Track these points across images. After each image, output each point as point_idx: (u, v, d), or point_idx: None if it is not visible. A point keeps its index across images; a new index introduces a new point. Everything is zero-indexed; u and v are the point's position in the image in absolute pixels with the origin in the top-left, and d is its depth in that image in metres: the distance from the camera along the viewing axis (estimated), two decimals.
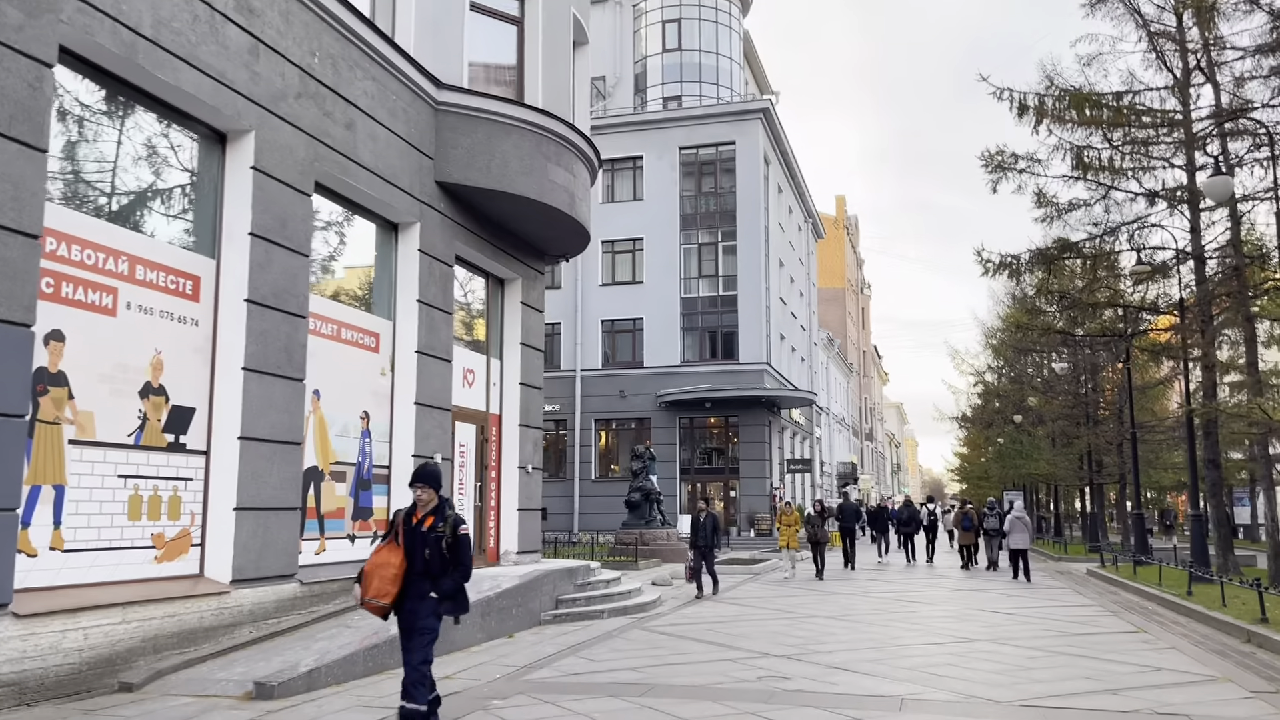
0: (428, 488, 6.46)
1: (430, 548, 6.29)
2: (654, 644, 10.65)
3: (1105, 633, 11.89)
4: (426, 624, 6.32)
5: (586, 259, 38.22)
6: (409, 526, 6.39)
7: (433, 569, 6.31)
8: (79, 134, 8.21)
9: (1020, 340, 37.23)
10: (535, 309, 16.09)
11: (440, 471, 6.73)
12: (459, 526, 6.38)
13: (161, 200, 9.08)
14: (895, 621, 12.91)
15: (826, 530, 22.04)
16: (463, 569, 6.40)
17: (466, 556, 6.40)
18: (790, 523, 21.16)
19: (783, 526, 21.29)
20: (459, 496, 13.80)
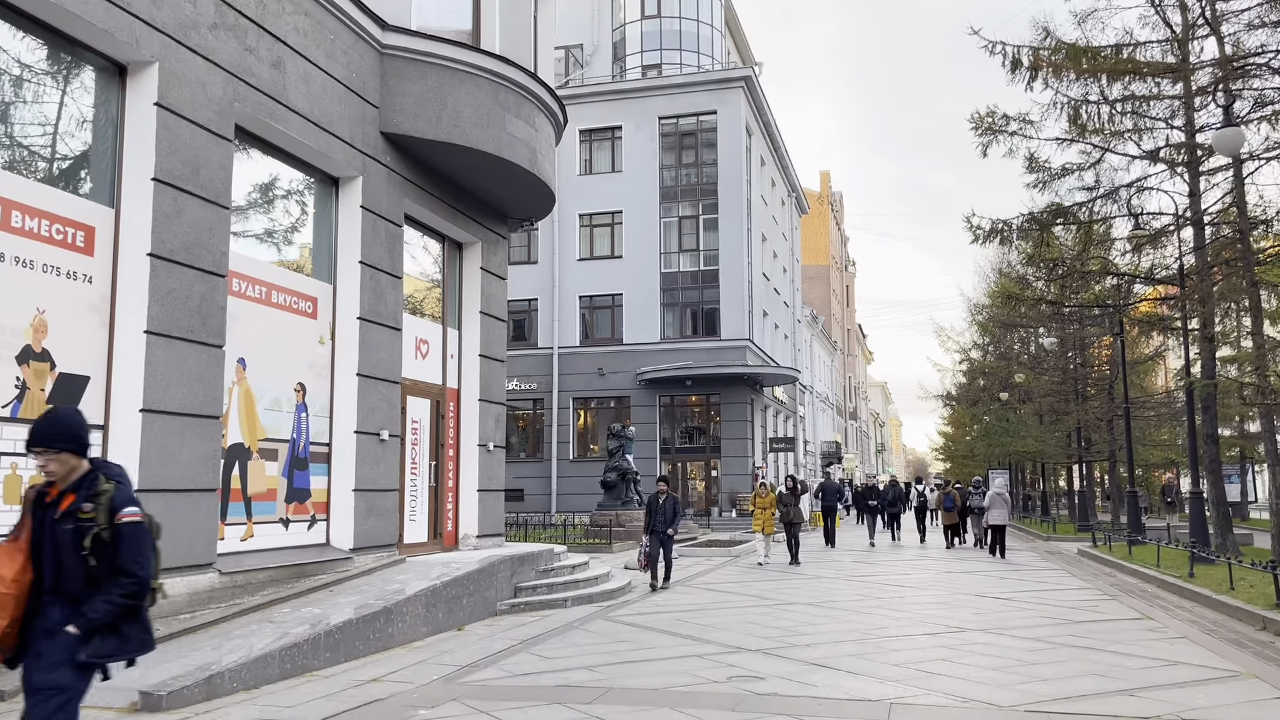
0: (56, 452, 3.85)
1: (63, 548, 3.82)
2: (617, 637, 9.67)
3: (1107, 619, 11.00)
4: (50, 680, 3.77)
5: (563, 232, 37.14)
6: (38, 511, 3.91)
7: (66, 583, 3.84)
8: None
9: (1008, 314, 36.41)
10: (497, 276, 15.01)
11: (79, 422, 3.99)
12: (121, 510, 3.83)
13: (48, 139, 7.94)
14: (880, 609, 11.98)
15: (802, 510, 20.46)
16: (128, 582, 3.81)
17: (134, 559, 3.81)
18: (764, 505, 19.33)
19: (756, 509, 19.48)
20: (411, 476, 12.78)
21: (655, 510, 14.45)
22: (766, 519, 19.16)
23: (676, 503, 14.77)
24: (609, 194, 37.38)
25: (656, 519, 14.36)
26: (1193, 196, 18.59)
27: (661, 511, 14.38)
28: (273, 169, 10.53)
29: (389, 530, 11.62)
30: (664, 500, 14.53)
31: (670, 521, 14.36)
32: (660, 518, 14.34)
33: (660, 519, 14.34)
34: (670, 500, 14.59)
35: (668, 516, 14.37)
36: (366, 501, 11.22)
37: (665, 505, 14.46)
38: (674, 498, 14.78)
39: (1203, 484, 18.21)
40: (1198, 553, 14.92)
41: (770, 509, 19.26)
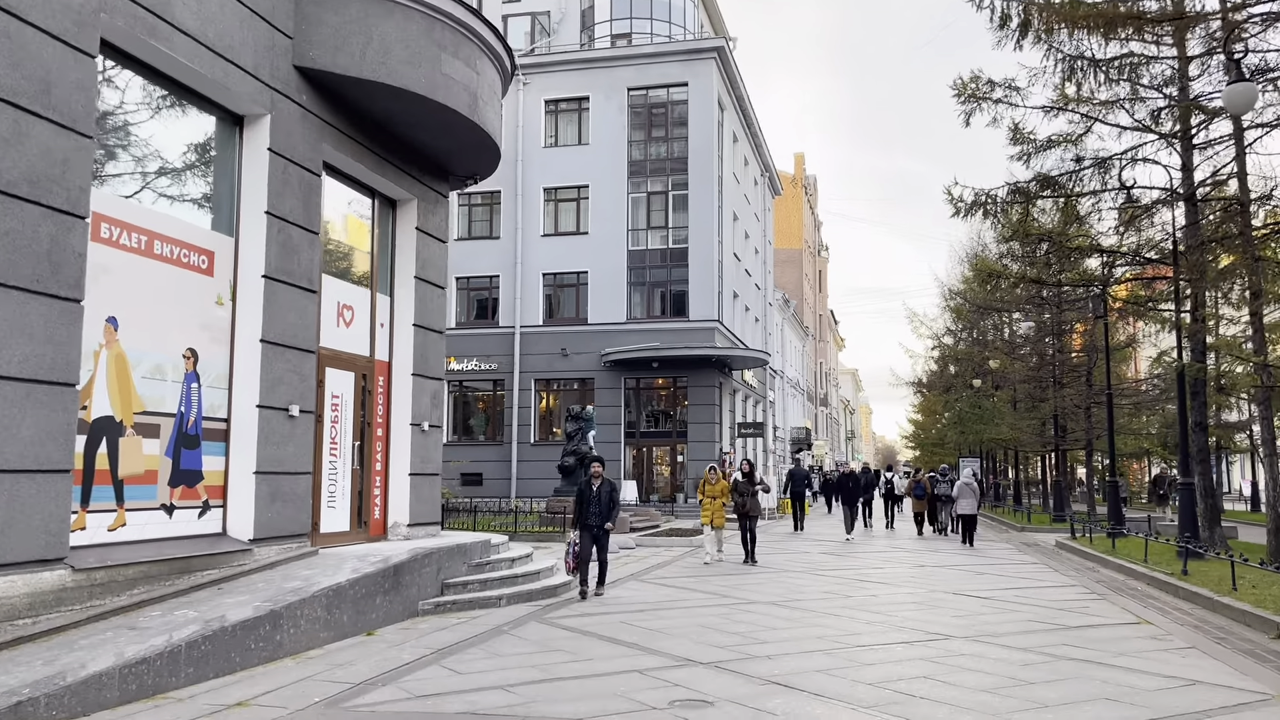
0: None
1: None
2: (549, 645, 8.37)
3: (1102, 624, 9.86)
4: None
5: (527, 206, 35.67)
6: None
7: None
8: None
9: (985, 297, 35.42)
10: (436, 238, 13.59)
11: None
12: None
13: None
14: (851, 609, 10.77)
15: (760, 500, 17.13)
16: None
17: None
18: (715, 493, 16.47)
19: (705, 499, 16.56)
20: (330, 458, 11.39)
21: (588, 500, 11.80)
22: (716, 510, 16.41)
23: (614, 490, 12.09)
24: (575, 167, 35.93)
25: (589, 510, 11.73)
26: (1185, 171, 17.51)
27: (596, 501, 11.78)
28: (157, 99, 9.06)
29: (299, 518, 10.23)
30: (599, 487, 11.89)
31: (607, 514, 11.80)
32: (594, 509, 11.72)
33: (594, 510, 11.72)
34: (607, 487, 11.95)
35: (603, 508, 11.77)
36: (271, 486, 9.82)
37: (601, 493, 11.86)
38: (611, 484, 12.08)
39: None
40: (1188, 547, 13.86)
41: (722, 498, 16.56)
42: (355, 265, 12.39)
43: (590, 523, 11.66)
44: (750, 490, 16.89)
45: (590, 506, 11.76)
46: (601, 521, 11.72)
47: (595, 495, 11.82)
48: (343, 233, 12.15)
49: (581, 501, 11.85)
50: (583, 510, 11.79)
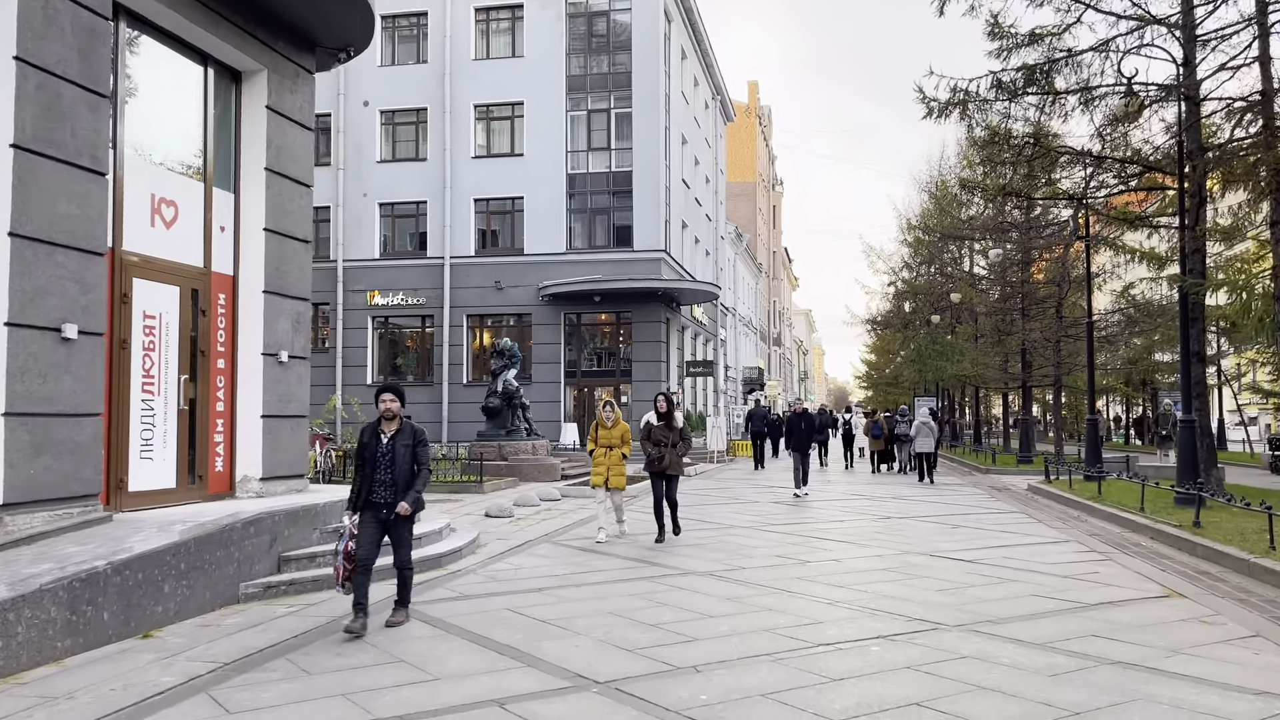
0: None
1: None
2: (393, 650, 6.01)
3: (1125, 599, 7.75)
4: None
5: (456, 125, 32.63)
6: None
7: None
8: None
9: (948, 226, 33.40)
10: (296, 123, 10.86)
11: None
12: None
13: None
14: (809, 582, 8.55)
15: (681, 449, 11.35)
16: None
17: None
18: (613, 441, 11.18)
19: (599, 447, 11.25)
20: (145, 396, 8.81)
21: (376, 459, 6.77)
22: (613, 464, 11.13)
23: (420, 444, 6.87)
24: (508, 82, 32.87)
25: (377, 480, 6.75)
26: (1186, 65, 15.26)
27: (386, 463, 6.75)
28: None
29: (83, 475, 7.68)
30: (392, 439, 6.79)
31: (405, 485, 6.76)
32: (382, 475, 6.74)
33: (381, 479, 6.73)
34: (407, 440, 6.81)
35: (398, 475, 6.73)
36: (32, 432, 7.24)
37: (396, 450, 6.76)
38: (417, 433, 6.89)
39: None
40: (1199, 494, 11.86)
41: (621, 448, 11.22)
42: (181, 150, 9.67)
43: (376, 499, 6.74)
44: (667, 438, 11.27)
45: (380, 470, 6.74)
46: (393, 498, 6.71)
47: (384, 452, 6.75)
48: (161, 107, 9.41)
49: (366, 463, 6.80)
50: (364, 480, 6.79)
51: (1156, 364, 35.69)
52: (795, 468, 17.22)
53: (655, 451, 11.26)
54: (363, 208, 33.38)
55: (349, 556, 6.56)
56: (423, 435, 6.98)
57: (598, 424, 11.40)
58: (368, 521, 6.77)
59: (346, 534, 6.67)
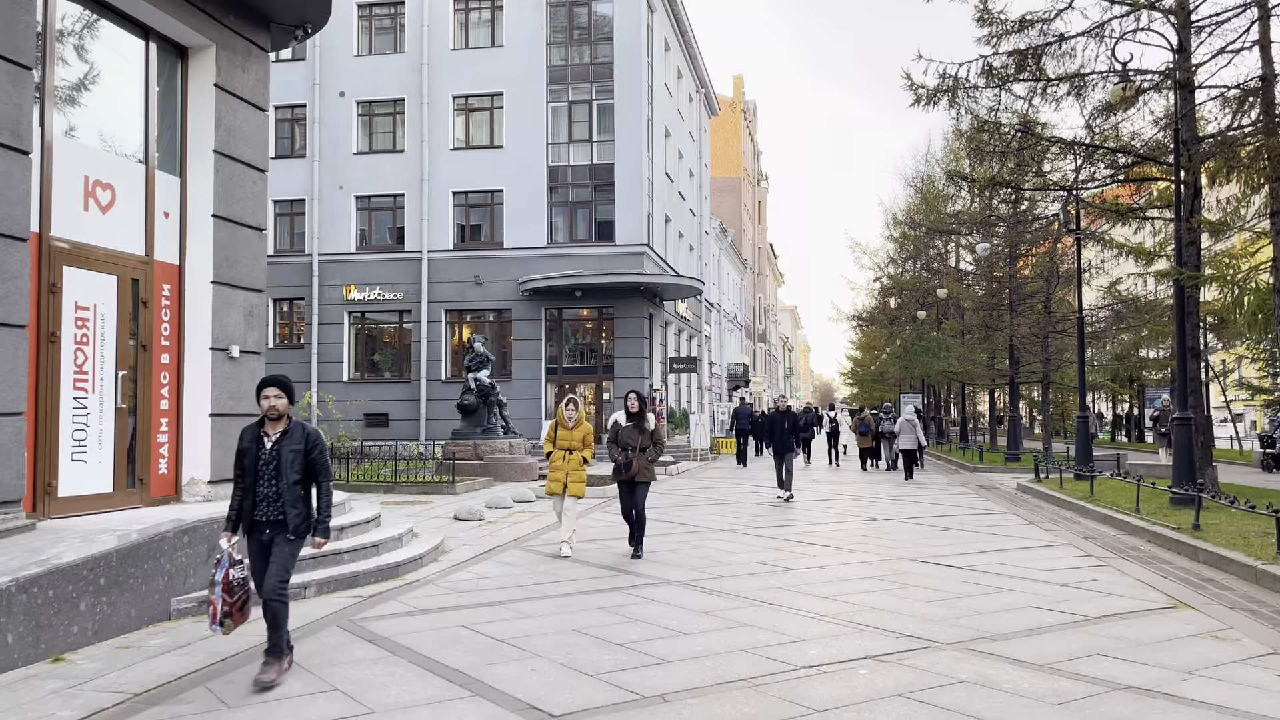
0: None
1: None
2: (328, 678, 5.41)
3: (1130, 611, 7.23)
4: None
5: (434, 116, 31.93)
6: None
7: None
8: None
9: (935, 221, 32.99)
10: (249, 103, 10.22)
11: None
12: None
13: None
14: (791, 592, 7.99)
15: (653, 453, 10.21)
16: None
17: None
18: (573, 443, 10.02)
19: (557, 450, 10.10)
20: (77, 393, 8.16)
21: (257, 468, 5.47)
22: (571, 468, 9.99)
23: (317, 448, 5.54)
24: (488, 73, 32.19)
25: (260, 494, 5.45)
26: (1180, 53, 14.78)
27: (271, 473, 5.46)
28: None
29: (3, 479, 7.04)
30: (276, 444, 5.49)
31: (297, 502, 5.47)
32: (266, 488, 5.44)
33: (265, 493, 5.44)
34: (298, 444, 5.50)
35: (284, 489, 5.42)
36: None
37: (282, 457, 5.46)
38: (310, 436, 5.56)
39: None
40: (1197, 495, 11.37)
41: (583, 450, 10.09)
42: (120, 130, 9.01)
43: (259, 516, 5.43)
44: (637, 441, 10.04)
45: (258, 484, 5.44)
46: (278, 515, 5.40)
47: (267, 461, 5.44)
48: (97, 83, 8.75)
49: (248, 472, 5.46)
50: (245, 493, 5.45)
51: (1144, 361, 35.41)
52: (777, 469, 16.17)
53: (623, 457, 10.01)
54: (338, 201, 32.64)
55: (228, 588, 5.30)
56: (317, 439, 5.58)
57: (557, 423, 10.15)
58: (252, 548, 5.50)
59: (225, 560, 5.36)
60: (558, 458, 10.08)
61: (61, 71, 8.25)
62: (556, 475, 10.06)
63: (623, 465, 10.07)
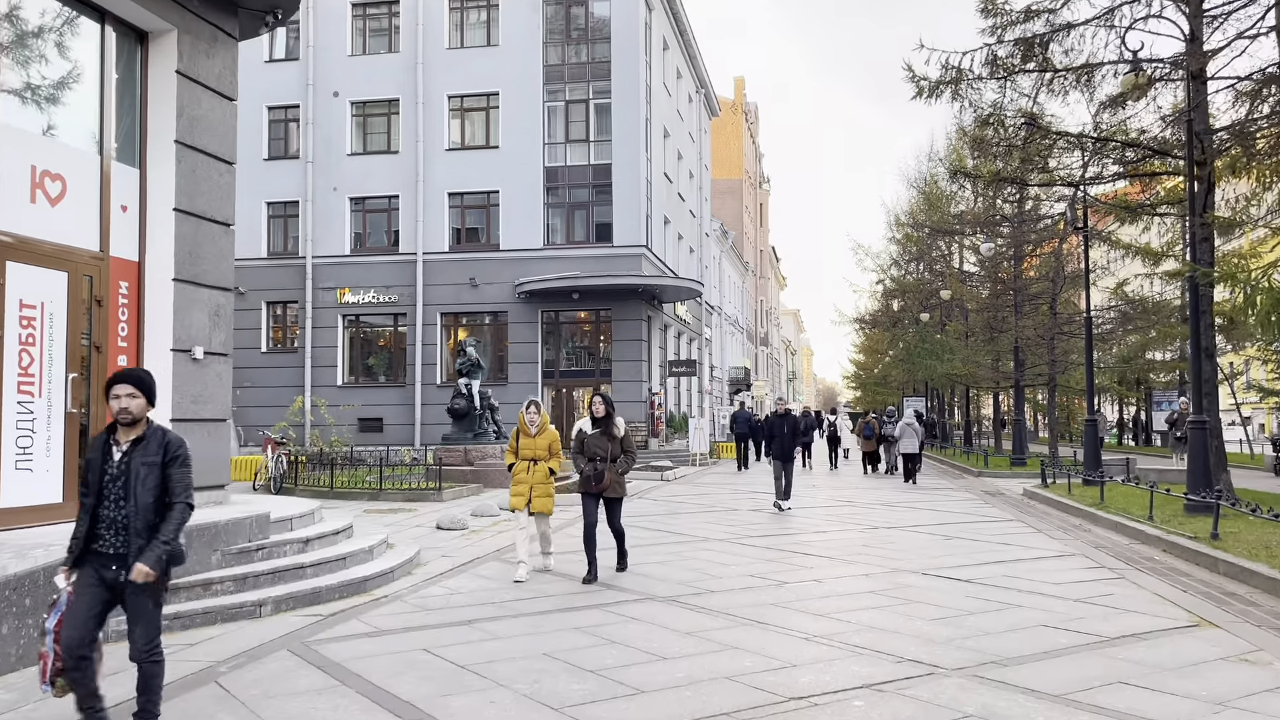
0: None
1: None
2: (261, 711, 4.87)
3: (1151, 630, 6.68)
4: None
5: (429, 116, 31.46)
6: None
7: None
8: None
9: (938, 221, 32.47)
10: (214, 91, 9.71)
11: None
12: None
13: None
14: (784, 609, 7.45)
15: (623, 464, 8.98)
16: None
17: None
18: (537, 452, 8.87)
19: (520, 460, 8.96)
20: (22, 397, 7.65)
21: (102, 486, 4.32)
22: (535, 481, 8.82)
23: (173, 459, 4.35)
24: (483, 72, 31.72)
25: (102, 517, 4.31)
26: (1192, 41, 14.25)
27: (118, 488, 4.30)
28: None
29: None
30: (124, 457, 4.33)
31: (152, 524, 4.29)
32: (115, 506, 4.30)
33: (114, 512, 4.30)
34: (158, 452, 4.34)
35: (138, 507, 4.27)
36: None
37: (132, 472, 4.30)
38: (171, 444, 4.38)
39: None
40: (1216, 502, 10.81)
41: (549, 460, 8.92)
42: (71, 118, 8.50)
43: (102, 547, 4.32)
44: (606, 450, 8.80)
45: (101, 506, 4.34)
46: (127, 545, 4.28)
47: (115, 477, 4.33)
48: (47, 68, 8.24)
49: (85, 492, 4.39)
50: (86, 516, 4.36)
51: (1151, 363, 34.81)
52: (776, 477, 15.12)
53: (589, 467, 8.82)
54: (332, 202, 32.17)
55: (57, 640, 4.20)
56: (178, 448, 4.38)
57: (519, 430, 8.97)
58: (86, 583, 4.28)
59: (61, 602, 4.28)
60: (520, 469, 8.94)
61: (5, 55, 7.75)
62: (519, 489, 8.89)
63: (591, 477, 8.81)
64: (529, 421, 8.96)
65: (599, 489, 8.82)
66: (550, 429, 9.05)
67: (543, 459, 8.92)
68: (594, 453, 8.87)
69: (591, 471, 8.82)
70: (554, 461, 9.00)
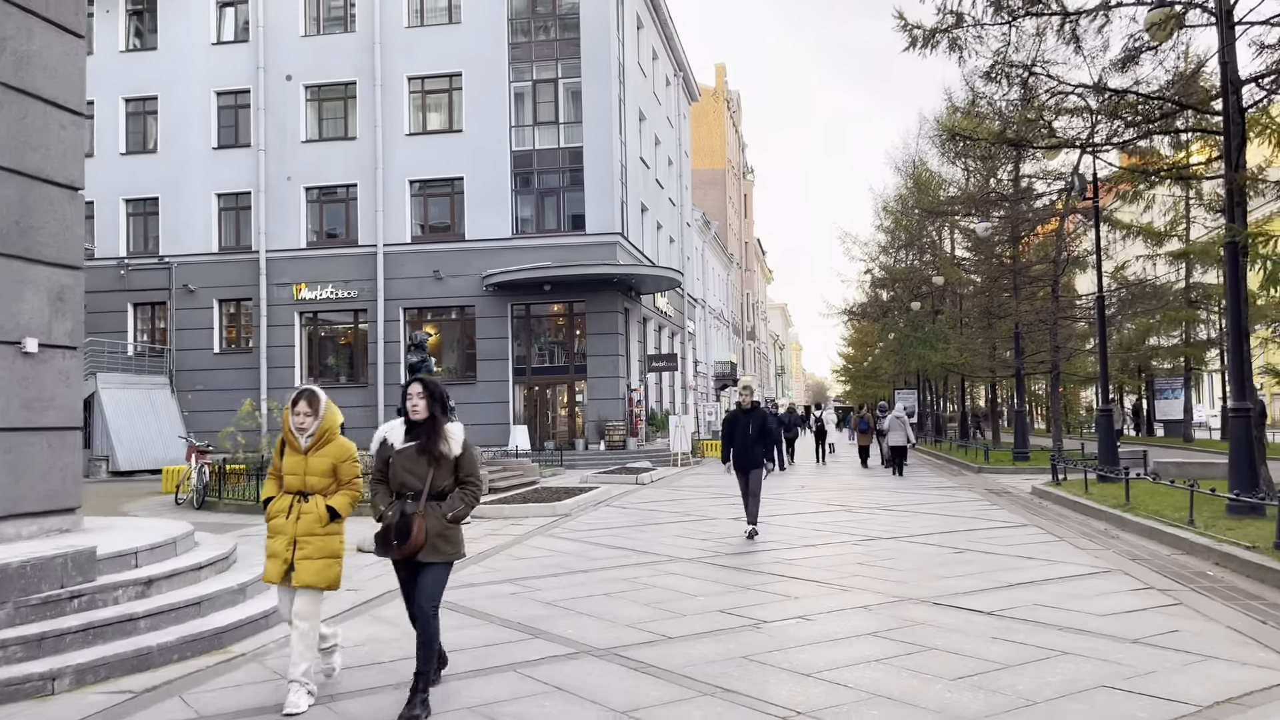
0: None
1: None
2: None
3: (1249, 690, 4.95)
4: None
5: (388, 99, 29.63)
6: None
7: None
8: None
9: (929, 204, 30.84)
10: (53, 24, 7.89)
11: None
12: None
13: None
14: (757, 667, 5.71)
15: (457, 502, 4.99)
16: None
17: None
18: (309, 479, 5.17)
19: (283, 494, 5.23)
20: None
21: None
22: (302, 530, 5.10)
23: None
24: (445, 52, 29.91)
25: None
26: None
27: None
28: None
29: None
30: None
31: None
32: None
33: None
34: None
35: None
36: None
37: None
38: None
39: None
40: (1271, 503, 9.12)
41: (329, 492, 5.23)
42: None
43: None
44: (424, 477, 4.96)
45: None
46: None
47: None
48: None
49: None
50: None
51: (1153, 350, 33.26)
52: (743, 493, 11.44)
53: (391, 510, 4.99)
54: (287, 192, 30.29)
55: None
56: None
57: (283, 440, 5.30)
58: None
59: None
60: (277, 509, 5.18)
61: None
62: (275, 545, 5.11)
63: (393, 529, 4.92)
64: (297, 427, 5.19)
65: (408, 550, 4.85)
66: (340, 441, 5.28)
67: (318, 488, 5.16)
68: (405, 482, 4.96)
69: (395, 519, 4.92)
70: (341, 496, 5.20)
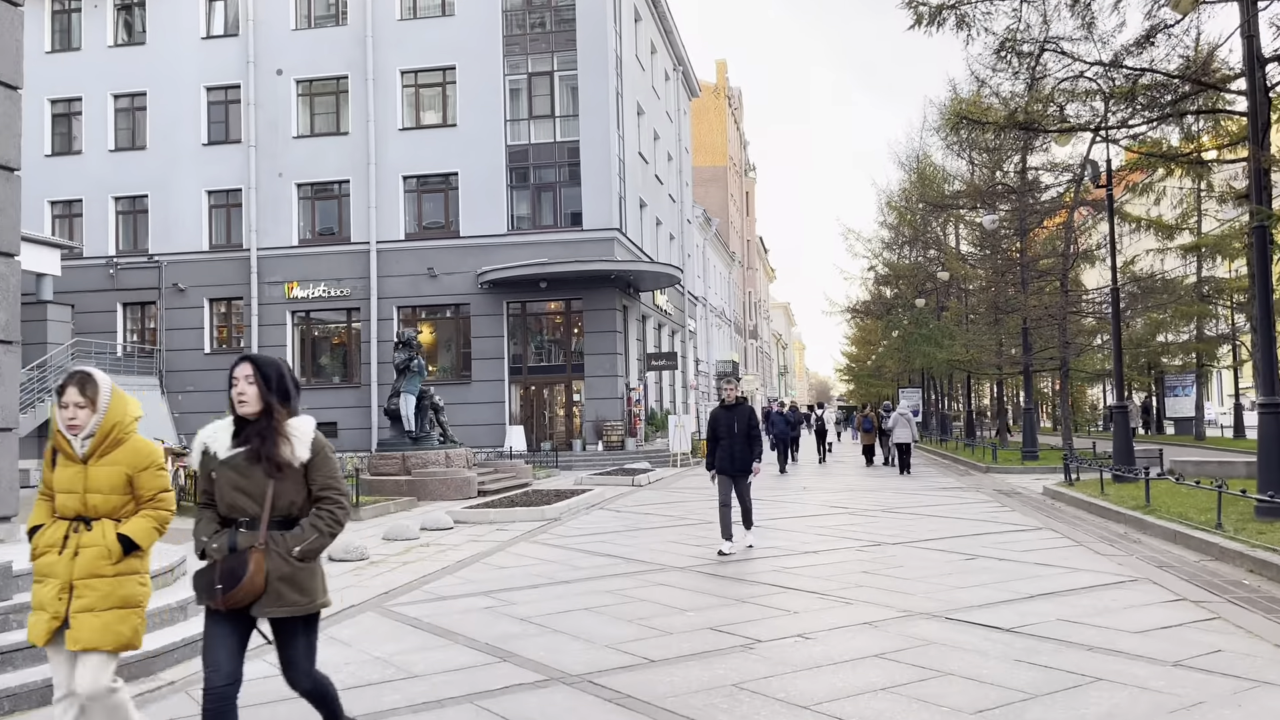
0: None
1: None
2: None
3: None
4: None
5: (380, 93, 29.02)
6: None
7: None
8: None
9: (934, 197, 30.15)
10: None
11: None
12: None
13: None
14: (749, 697, 5.09)
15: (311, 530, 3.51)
16: None
17: None
18: (89, 498, 3.66)
19: (53, 519, 3.73)
20: None
21: None
22: (83, 572, 3.58)
23: None
24: (438, 45, 29.29)
25: None
26: None
27: None
28: None
29: None
30: None
31: None
32: None
33: None
34: None
35: None
36: None
37: None
38: None
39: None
40: None
41: (120, 517, 3.71)
42: None
43: None
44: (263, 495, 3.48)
45: None
46: None
47: None
48: None
49: None
50: None
51: (1163, 346, 32.57)
52: (723, 502, 9.98)
53: (216, 543, 3.53)
54: (278, 189, 29.69)
55: None
56: None
57: (54, 447, 3.74)
58: None
59: None
60: (48, 543, 3.70)
61: None
62: (44, 592, 3.65)
63: (220, 569, 3.47)
64: (67, 424, 3.69)
65: (235, 600, 3.44)
66: (135, 442, 3.79)
67: (107, 514, 3.72)
68: (232, 504, 3.55)
69: (220, 558, 3.50)
70: (140, 520, 3.75)
